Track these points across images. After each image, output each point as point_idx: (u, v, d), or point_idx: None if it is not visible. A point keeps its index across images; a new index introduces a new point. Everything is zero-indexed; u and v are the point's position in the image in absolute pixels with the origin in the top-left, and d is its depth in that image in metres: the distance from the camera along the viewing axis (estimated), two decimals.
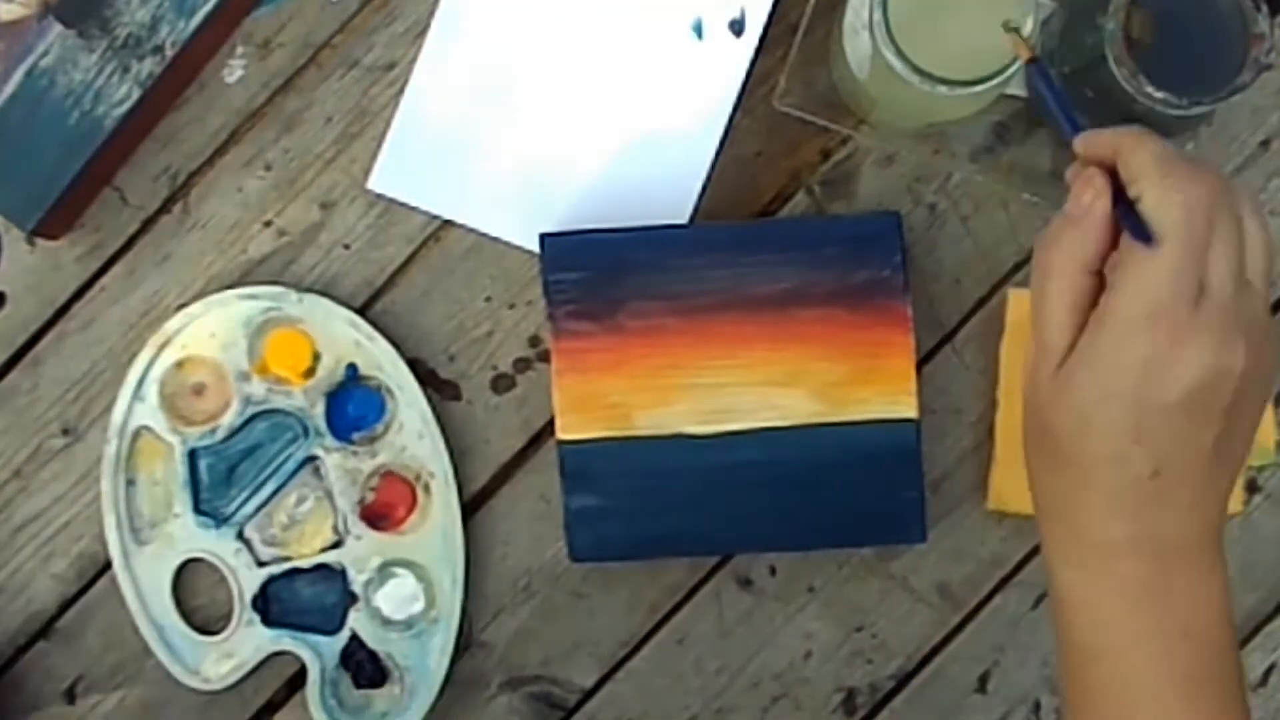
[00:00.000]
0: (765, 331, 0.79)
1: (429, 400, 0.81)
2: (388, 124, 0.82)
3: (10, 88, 0.78)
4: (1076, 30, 0.74)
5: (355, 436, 0.82)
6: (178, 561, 0.82)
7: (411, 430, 0.81)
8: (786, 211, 0.82)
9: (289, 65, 0.82)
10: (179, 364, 0.82)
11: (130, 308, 0.82)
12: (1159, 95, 0.70)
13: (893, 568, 0.82)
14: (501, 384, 0.83)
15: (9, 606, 0.82)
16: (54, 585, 0.82)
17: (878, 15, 0.69)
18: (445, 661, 0.81)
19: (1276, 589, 0.82)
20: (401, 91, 0.82)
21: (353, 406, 0.82)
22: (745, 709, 0.83)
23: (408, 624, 0.82)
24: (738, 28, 0.81)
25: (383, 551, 0.82)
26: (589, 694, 0.83)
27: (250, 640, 0.82)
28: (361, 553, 0.82)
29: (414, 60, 0.82)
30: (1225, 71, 0.70)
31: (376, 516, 0.82)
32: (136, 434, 0.82)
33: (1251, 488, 0.82)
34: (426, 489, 0.82)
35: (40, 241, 0.82)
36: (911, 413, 0.79)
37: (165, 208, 0.83)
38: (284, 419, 0.82)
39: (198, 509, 0.82)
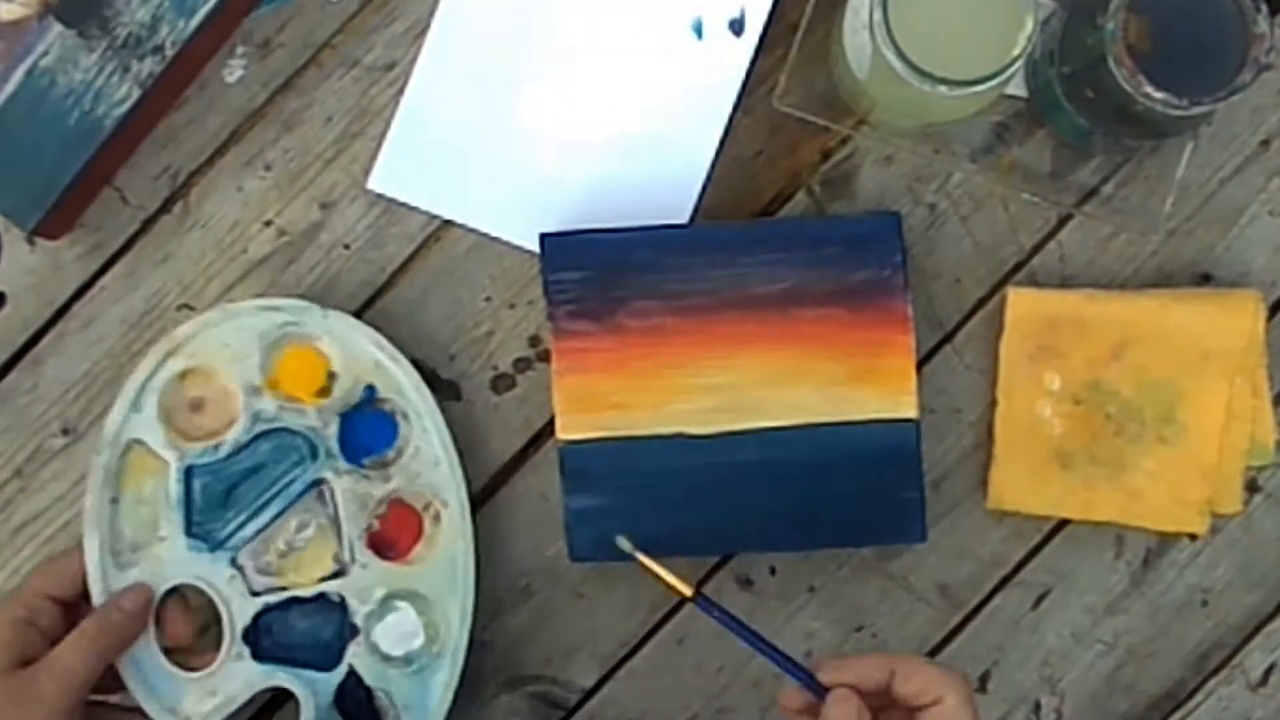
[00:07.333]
0: (765, 331, 0.79)
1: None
2: (388, 124, 0.82)
3: (10, 88, 0.78)
4: (1076, 30, 0.74)
5: (366, 460, 0.79)
6: (164, 589, 0.78)
7: (428, 457, 0.79)
8: (786, 211, 0.82)
9: (289, 65, 0.82)
10: (181, 375, 0.78)
11: (130, 308, 0.82)
12: (1159, 96, 0.70)
13: (893, 568, 0.82)
14: (501, 384, 0.83)
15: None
16: None
17: (878, 15, 0.69)
18: (449, 699, 0.78)
19: (1276, 589, 0.82)
20: (401, 91, 0.82)
21: (364, 429, 0.79)
22: (745, 709, 0.83)
23: (407, 659, 0.79)
24: (738, 28, 0.81)
25: (388, 582, 0.78)
26: (589, 694, 0.83)
27: (238, 675, 0.77)
28: (366, 583, 0.78)
29: (414, 60, 0.82)
30: (1225, 71, 0.70)
31: (384, 544, 0.79)
32: (128, 447, 0.78)
33: (1252, 488, 0.82)
34: (436, 518, 0.79)
35: (40, 241, 0.82)
36: (911, 413, 0.79)
37: (165, 208, 0.83)
38: (291, 439, 0.79)
39: (189, 531, 0.78)
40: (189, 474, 0.78)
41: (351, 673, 0.78)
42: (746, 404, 0.79)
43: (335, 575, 0.79)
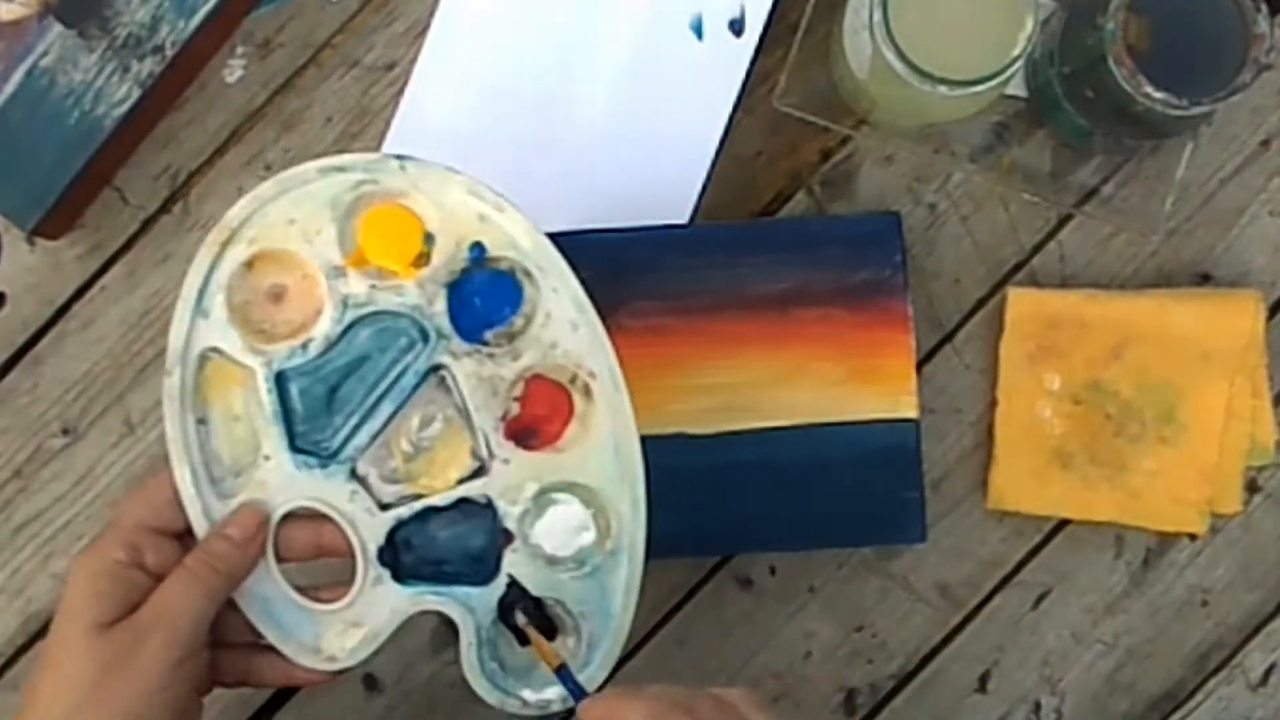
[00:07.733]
0: (765, 331, 0.79)
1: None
2: (388, 124, 0.82)
3: (10, 88, 0.78)
4: (1076, 30, 0.74)
5: (489, 335, 0.68)
6: (278, 515, 0.67)
7: (562, 320, 0.67)
8: (786, 211, 0.82)
9: (289, 65, 0.82)
10: (249, 264, 0.67)
11: (130, 308, 0.82)
12: (1158, 96, 0.70)
13: (893, 568, 0.82)
14: None
15: (9, 606, 0.82)
16: (54, 585, 0.82)
17: (878, 15, 0.70)
18: (632, 602, 0.68)
19: (1276, 589, 0.82)
20: (401, 91, 0.82)
21: (481, 298, 0.68)
22: None
23: (579, 560, 0.68)
24: (738, 27, 0.81)
25: (538, 475, 0.68)
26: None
27: (381, 602, 0.67)
28: (511, 479, 0.67)
29: (414, 60, 0.82)
30: (1225, 71, 0.70)
31: (525, 432, 0.68)
32: (203, 359, 0.67)
33: (1252, 488, 0.82)
34: (586, 391, 0.68)
35: (40, 241, 0.82)
36: (911, 413, 0.79)
37: (165, 208, 0.83)
38: (394, 322, 0.67)
39: (294, 446, 0.67)
40: (281, 380, 0.67)
41: (513, 584, 0.68)
42: (746, 404, 0.79)
43: (475, 474, 0.68)
